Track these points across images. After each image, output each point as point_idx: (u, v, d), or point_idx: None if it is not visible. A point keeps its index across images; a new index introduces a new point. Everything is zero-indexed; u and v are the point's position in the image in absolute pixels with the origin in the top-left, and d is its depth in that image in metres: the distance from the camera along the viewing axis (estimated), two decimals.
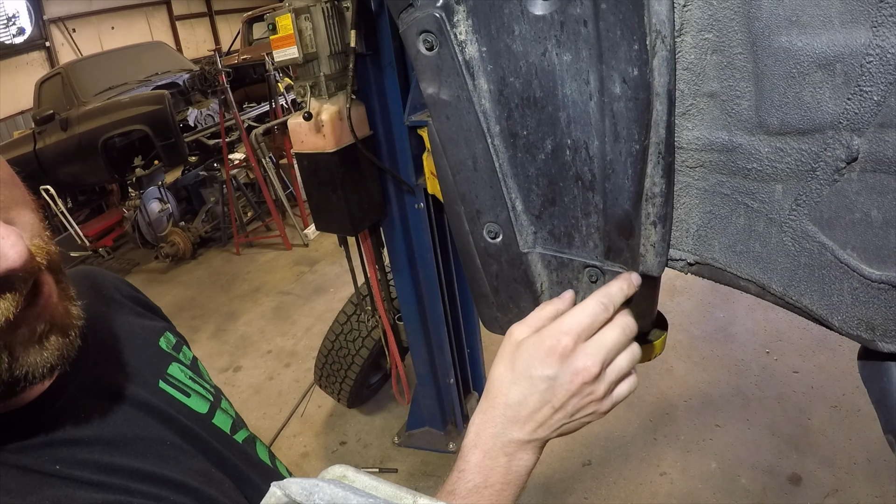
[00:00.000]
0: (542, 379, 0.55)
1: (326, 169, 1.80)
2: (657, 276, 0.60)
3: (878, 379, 0.54)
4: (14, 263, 0.43)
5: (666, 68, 0.48)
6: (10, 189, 0.49)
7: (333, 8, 1.64)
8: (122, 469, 0.56)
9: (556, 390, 0.55)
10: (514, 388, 0.56)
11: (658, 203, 0.55)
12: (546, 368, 0.55)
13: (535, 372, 0.55)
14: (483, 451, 0.56)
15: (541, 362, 0.55)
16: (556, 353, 0.54)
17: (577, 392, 0.55)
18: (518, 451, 0.56)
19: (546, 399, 0.55)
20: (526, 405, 0.55)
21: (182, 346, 0.81)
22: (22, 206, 0.50)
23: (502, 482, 0.55)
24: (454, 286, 2.37)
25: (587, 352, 0.55)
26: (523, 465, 0.56)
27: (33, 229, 0.50)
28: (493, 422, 0.57)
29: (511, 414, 0.56)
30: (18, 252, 0.43)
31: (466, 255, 0.69)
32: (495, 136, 0.56)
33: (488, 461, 0.55)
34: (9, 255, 0.43)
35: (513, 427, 0.56)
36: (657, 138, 0.51)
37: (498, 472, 0.55)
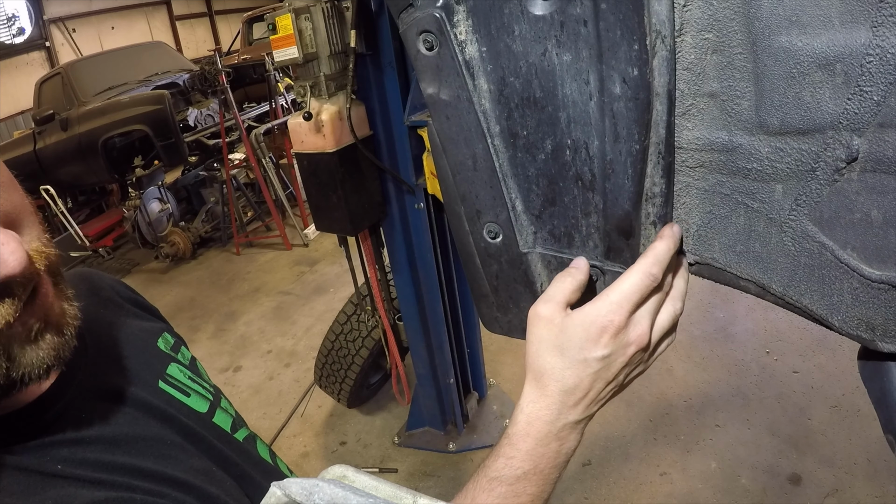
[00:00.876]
0: (598, 360, 0.53)
1: (326, 169, 1.80)
2: None
3: (878, 379, 0.54)
4: (13, 270, 0.43)
5: (666, 68, 0.48)
6: (8, 193, 0.49)
7: (333, 8, 1.64)
8: (125, 467, 0.56)
9: (610, 366, 0.54)
10: (568, 372, 0.54)
11: (658, 203, 0.55)
12: (601, 349, 0.53)
13: (590, 354, 0.53)
14: (536, 439, 0.55)
15: (594, 343, 0.53)
16: (609, 332, 0.52)
17: (629, 362, 0.54)
18: (570, 434, 0.56)
19: (600, 376, 0.54)
20: (581, 387, 0.54)
21: (180, 347, 0.81)
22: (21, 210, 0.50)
23: (551, 466, 0.55)
24: (454, 286, 2.37)
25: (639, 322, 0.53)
26: (572, 447, 0.56)
27: (32, 233, 0.50)
28: (549, 409, 0.55)
29: (567, 399, 0.55)
30: (18, 259, 0.43)
31: (466, 255, 0.69)
32: (495, 136, 0.56)
33: (541, 448, 0.55)
34: (8, 262, 0.43)
35: (568, 411, 0.55)
36: (657, 138, 0.51)
37: (548, 458, 0.55)
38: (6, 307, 0.44)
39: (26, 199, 0.52)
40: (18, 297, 0.45)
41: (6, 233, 0.44)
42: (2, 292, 0.44)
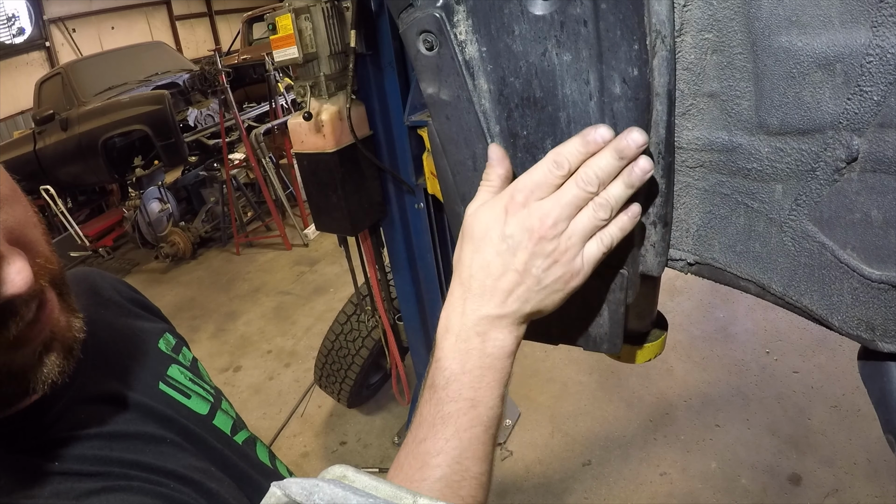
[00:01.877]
0: (500, 238, 0.51)
1: (326, 169, 1.80)
2: (657, 276, 0.61)
3: (878, 379, 0.54)
4: (19, 290, 0.43)
5: (666, 68, 0.48)
6: (12, 206, 0.48)
7: (333, 8, 1.64)
8: (122, 461, 0.56)
9: (515, 250, 0.50)
10: (475, 256, 0.52)
11: (658, 203, 0.55)
12: (501, 226, 0.51)
13: (492, 232, 0.51)
14: (454, 333, 0.52)
15: (496, 222, 0.51)
16: (509, 210, 0.51)
17: (536, 251, 0.50)
18: (491, 329, 0.51)
19: (507, 262, 0.50)
20: (490, 272, 0.51)
21: (182, 348, 0.81)
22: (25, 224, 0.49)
23: (480, 366, 0.51)
24: None
25: (541, 206, 0.50)
26: (499, 346, 0.52)
27: (38, 248, 0.50)
28: (461, 299, 0.52)
29: (476, 286, 0.52)
30: (24, 278, 0.43)
31: None
32: (495, 136, 0.56)
33: (461, 344, 0.51)
34: (14, 282, 0.43)
35: (480, 301, 0.52)
36: (657, 138, 0.51)
37: (473, 356, 0.51)
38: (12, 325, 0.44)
39: (30, 210, 0.51)
40: (22, 315, 0.45)
41: (12, 251, 0.44)
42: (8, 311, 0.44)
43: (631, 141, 0.47)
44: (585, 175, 0.49)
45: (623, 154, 0.48)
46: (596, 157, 0.49)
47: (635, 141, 0.47)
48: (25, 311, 0.45)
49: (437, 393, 0.51)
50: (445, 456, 0.49)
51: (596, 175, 0.49)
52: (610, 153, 0.48)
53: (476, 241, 0.52)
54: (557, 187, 0.50)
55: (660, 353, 0.77)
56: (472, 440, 0.50)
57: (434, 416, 0.50)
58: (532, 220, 0.50)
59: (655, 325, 0.78)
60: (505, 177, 0.54)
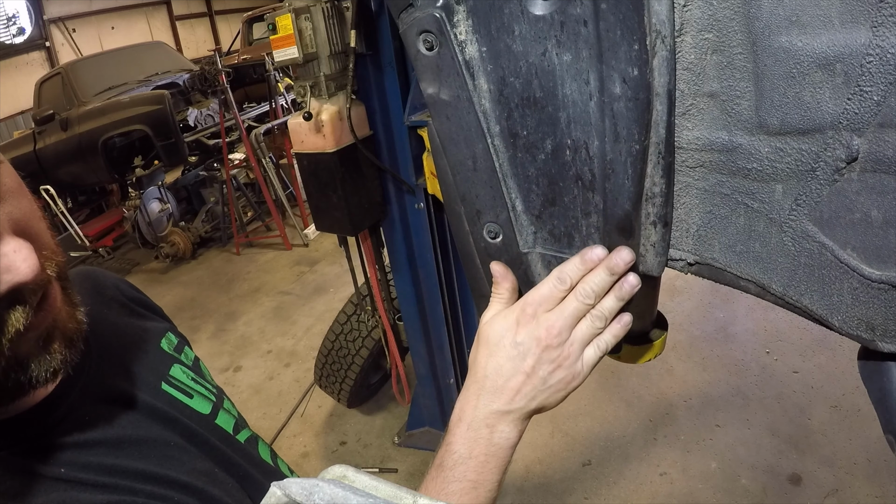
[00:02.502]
0: (512, 345, 0.59)
1: (326, 169, 1.80)
2: (657, 276, 0.61)
3: (878, 379, 0.54)
4: (26, 277, 0.43)
5: (666, 68, 0.48)
6: (17, 199, 0.49)
7: (333, 8, 1.64)
8: (127, 470, 0.56)
9: (525, 356, 0.58)
10: (490, 360, 0.60)
11: (658, 203, 0.55)
12: (513, 335, 0.59)
13: (505, 340, 0.59)
14: (466, 423, 0.59)
15: (508, 331, 0.60)
16: (521, 321, 0.59)
17: (543, 357, 0.58)
18: (499, 423, 0.58)
19: (517, 366, 0.58)
20: (501, 373, 0.59)
21: (184, 347, 0.81)
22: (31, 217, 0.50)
23: (486, 454, 0.58)
24: (454, 286, 2.37)
25: (547, 318, 0.58)
26: (505, 438, 0.59)
27: (43, 240, 0.50)
28: (475, 395, 0.60)
29: (489, 385, 0.59)
30: (30, 266, 0.44)
31: (466, 255, 0.69)
32: (495, 136, 0.56)
33: (471, 433, 0.58)
34: (21, 269, 0.43)
35: (491, 398, 0.59)
36: (657, 138, 0.51)
37: (481, 444, 0.58)
38: (18, 314, 0.44)
39: (34, 205, 0.52)
40: (30, 303, 0.45)
41: (18, 240, 0.44)
42: (14, 299, 0.44)
43: (620, 259, 0.56)
44: (583, 290, 0.57)
45: (613, 270, 0.56)
46: (591, 274, 0.57)
47: (623, 259, 0.56)
48: (33, 299, 0.46)
49: (444, 472, 0.57)
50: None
51: (592, 289, 0.57)
52: (603, 270, 0.57)
53: (491, 346, 0.61)
54: (561, 300, 0.59)
55: (660, 353, 0.77)
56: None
57: (439, 493, 0.56)
58: (540, 331, 0.58)
59: (655, 326, 0.78)
60: (513, 289, 0.64)
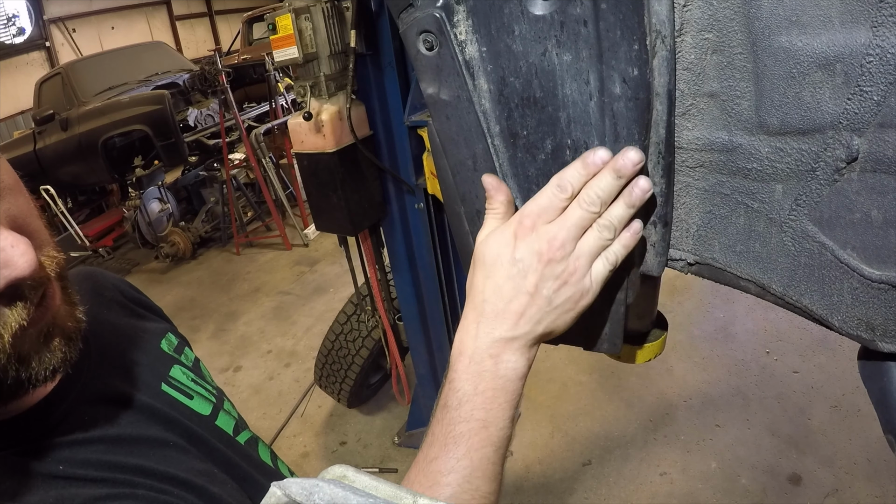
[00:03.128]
0: (511, 262, 0.53)
1: (326, 169, 1.80)
2: (657, 276, 0.61)
3: (878, 379, 0.54)
4: (24, 272, 0.43)
5: (666, 68, 0.48)
6: (15, 196, 0.49)
7: (333, 8, 1.64)
8: (126, 466, 0.56)
9: (525, 273, 0.52)
10: (488, 281, 0.54)
11: (658, 203, 0.55)
12: (511, 251, 0.53)
13: (503, 258, 0.53)
14: (468, 356, 0.54)
15: (505, 247, 0.53)
16: (518, 235, 0.53)
17: (546, 273, 0.52)
18: (503, 352, 0.53)
19: (518, 285, 0.52)
20: (501, 295, 0.53)
21: (184, 348, 0.81)
22: (28, 214, 0.50)
23: (493, 388, 0.52)
24: (454, 286, 2.37)
25: (548, 230, 0.52)
26: (511, 368, 0.53)
27: (41, 238, 0.51)
28: (475, 322, 0.54)
29: (489, 309, 0.53)
30: (28, 261, 0.44)
31: (466, 256, 0.69)
32: (495, 136, 0.56)
33: (474, 366, 0.53)
34: (18, 264, 0.43)
35: (493, 324, 0.53)
36: (657, 138, 0.51)
37: (486, 378, 0.52)
38: (18, 311, 0.44)
39: (32, 203, 0.52)
40: (30, 300, 0.45)
41: (16, 235, 0.44)
42: (13, 295, 0.44)
43: (627, 160, 0.49)
44: (588, 196, 0.51)
45: (621, 173, 0.49)
46: (596, 179, 0.51)
47: (632, 160, 0.49)
48: (33, 295, 0.46)
49: (450, 413, 0.52)
50: (456, 475, 0.50)
51: (597, 195, 0.51)
52: (609, 173, 0.50)
53: (487, 266, 0.54)
54: (563, 210, 0.52)
55: (660, 353, 0.77)
56: (482, 460, 0.51)
57: (446, 436, 0.52)
58: (541, 244, 0.52)
59: (655, 325, 0.78)
60: (507, 201, 0.56)
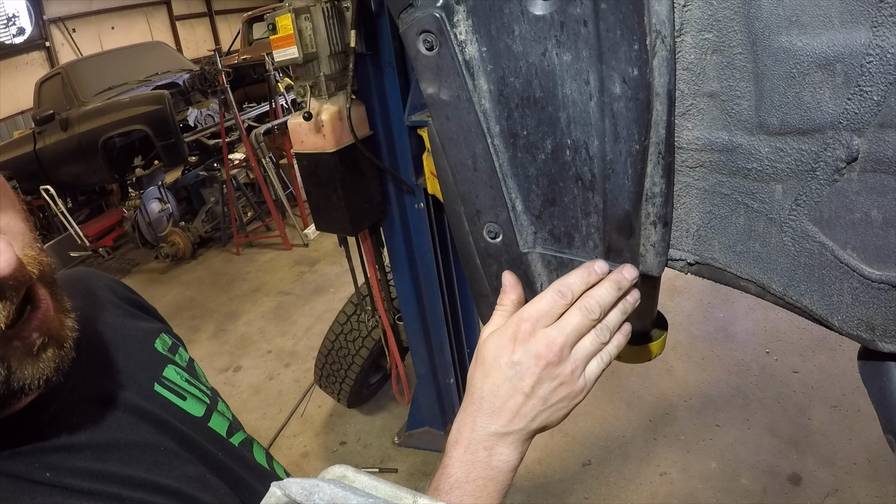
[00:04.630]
0: (509, 365, 0.55)
1: (326, 169, 1.80)
2: (657, 276, 0.61)
3: (878, 379, 0.54)
4: (3, 272, 0.43)
5: (666, 68, 0.48)
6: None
7: (333, 8, 1.64)
8: (115, 476, 0.55)
9: (522, 375, 0.55)
10: (486, 380, 0.57)
11: (658, 203, 0.55)
12: (510, 354, 0.56)
13: (502, 360, 0.56)
14: (463, 446, 0.56)
15: (504, 349, 0.56)
16: (517, 338, 0.56)
17: (543, 375, 0.55)
18: (497, 445, 0.56)
19: (515, 386, 0.55)
20: (498, 395, 0.56)
21: (178, 348, 0.80)
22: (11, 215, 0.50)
23: (484, 477, 0.55)
24: (454, 286, 2.37)
25: (547, 334, 0.55)
26: (504, 461, 0.56)
27: (24, 238, 0.50)
28: (472, 416, 0.57)
29: (486, 406, 0.56)
30: (6, 260, 0.43)
31: (466, 255, 0.69)
32: (495, 136, 0.56)
33: (468, 456, 0.55)
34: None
35: (489, 419, 0.56)
36: (657, 138, 0.51)
37: (479, 468, 0.55)
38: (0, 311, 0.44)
39: (18, 205, 0.51)
40: (10, 300, 0.45)
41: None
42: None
43: (627, 275, 0.55)
44: (589, 305, 0.55)
45: (621, 285, 0.55)
46: (598, 289, 0.56)
47: (631, 274, 0.55)
48: (13, 296, 0.45)
49: (441, 496, 0.54)
50: None
51: (598, 305, 0.55)
52: (610, 285, 0.55)
53: (487, 366, 0.58)
54: (560, 315, 0.56)
55: (660, 353, 0.77)
56: None
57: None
58: (539, 347, 0.55)
59: (655, 325, 0.78)
60: (518, 301, 0.60)
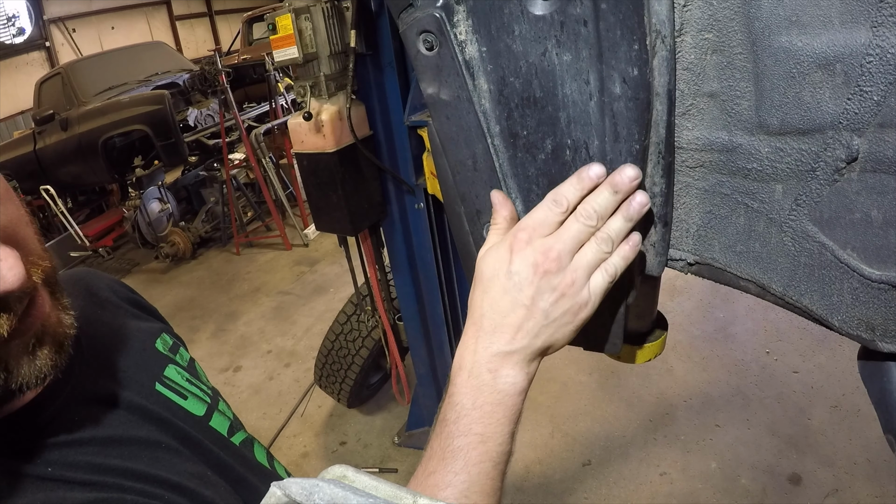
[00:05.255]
0: (506, 275, 0.53)
1: (326, 169, 1.80)
2: (657, 276, 0.61)
3: (878, 379, 0.54)
4: (11, 286, 0.43)
5: (666, 68, 0.48)
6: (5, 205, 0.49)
7: (333, 8, 1.64)
8: (116, 469, 0.55)
9: (521, 286, 0.52)
10: (485, 296, 0.54)
11: (658, 203, 0.55)
12: (507, 265, 0.53)
13: (499, 272, 0.53)
14: (467, 370, 0.53)
15: (502, 261, 0.53)
16: (514, 248, 0.53)
17: (542, 285, 0.51)
18: (502, 367, 0.53)
19: (514, 298, 0.52)
20: (498, 309, 0.53)
21: (179, 348, 0.80)
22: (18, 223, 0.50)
23: (491, 402, 0.52)
24: (454, 286, 2.37)
25: (544, 242, 0.52)
26: (510, 383, 0.52)
27: (30, 246, 0.50)
28: (473, 337, 0.54)
29: (487, 324, 0.53)
30: (16, 275, 0.44)
31: (466, 255, 0.69)
32: (495, 136, 0.56)
33: (473, 380, 0.53)
34: (7, 278, 0.43)
35: (490, 338, 0.53)
36: (657, 138, 0.51)
37: (485, 392, 0.52)
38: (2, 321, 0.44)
39: (22, 210, 0.52)
40: (14, 311, 0.45)
41: (4, 249, 0.44)
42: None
43: (625, 176, 0.50)
44: (585, 211, 0.51)
45: (618, 188, 0.50)
46: (593, 194, 0.52)
47: (629, 176, 0.50)
48: (18, 307, 0.45)
49: (448, 427, 0.52)
50: (454, 489, 0.50)
51: (595, 210, 0.51)
52: (606, 189, 0.51)
53: (485, 281, 0.54)
54: (559, 225, 0.52)
55: (660, 353, 0.77)
56: (480, 475, 0.51)
57: (444, 450, 0.51)
58: (536, 256, 0.52)
59: (655, 325, 0.78)
60: (511, 217, 0.57)
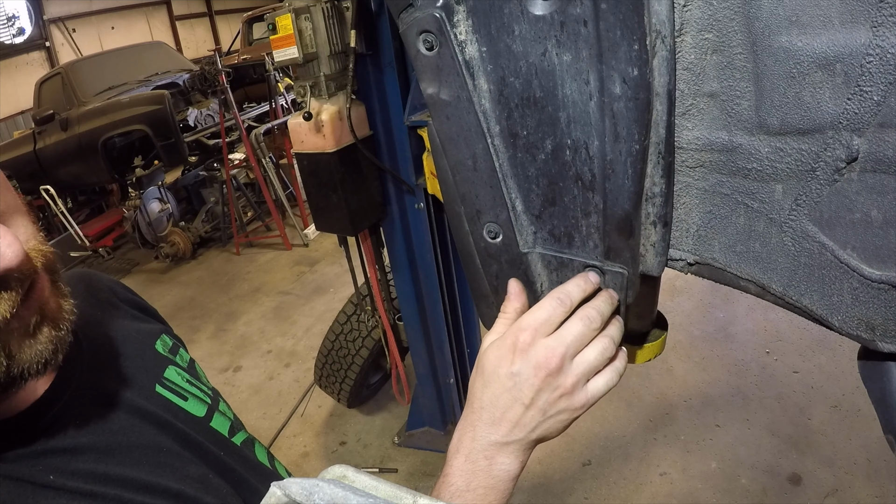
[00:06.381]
0: (508, 376, 0.55)
1: (326, 169, 1.80)
2: (657, 276, 0.61)
3: (878, 379, 0.54)
4: (10, 263, 0.43)
5: (666, 68, 0.48)
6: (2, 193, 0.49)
7: (333, 8, 1.64)
8: (117, 478, 0.55)
9: (521, 386, 0.55)
10: (486, 390, 0.57)
11: (658, 203, 0.55)
12: (509, 365, 0.55)
13: (501, 370, 0.56)
14: (464, 455, 0.56)
15: (503, 360, 0.56)
16: (516, 348, 0.55)
17: (542, 386, 0.54)
18: (498, 455, 0.56)
19: (515, 396, 0.55)
20: (498, 405, 0.56)
21: (179, 349, 0.80)
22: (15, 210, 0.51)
23: (485, 486, 0.55)
24: (454, 286, 2.37)
25: (546, 344, 0.54)
26: (504, 470, 0.56)
27: (28, 232, 0.51)
28: (472, 426, 0.57)
29: (486, 416, 0.57)
30: (15, 252, 0.44)
31: (466, 255, 0.69)
32: (495, 136, 0.56)
33: (469, 465, 0.56)
34: (6, 255, 0.43)
35: (489, 429, 0.56)
36: (657, 138, 0.51)
37: (480, 477, 0.55)
38: (4, 302, 0.44)
39: (19, 200, 0.52)
40: (16, 291, 0.45)
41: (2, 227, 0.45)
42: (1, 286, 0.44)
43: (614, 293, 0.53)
44: (590, 314, 0.54)
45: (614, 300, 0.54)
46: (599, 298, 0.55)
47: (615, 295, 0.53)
48: (19, 287, 0.46)
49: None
50: None
51: (599, 313, 0.54)
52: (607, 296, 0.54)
53: (486, 376, 0.57)
54: (560, 324, 0.55)
55: (660, 353, 0.77)
56: None
57: None
58: (538, 358, 0.54)
59: (655, 325, 0.78)
60: (521, 311, 0.59)
